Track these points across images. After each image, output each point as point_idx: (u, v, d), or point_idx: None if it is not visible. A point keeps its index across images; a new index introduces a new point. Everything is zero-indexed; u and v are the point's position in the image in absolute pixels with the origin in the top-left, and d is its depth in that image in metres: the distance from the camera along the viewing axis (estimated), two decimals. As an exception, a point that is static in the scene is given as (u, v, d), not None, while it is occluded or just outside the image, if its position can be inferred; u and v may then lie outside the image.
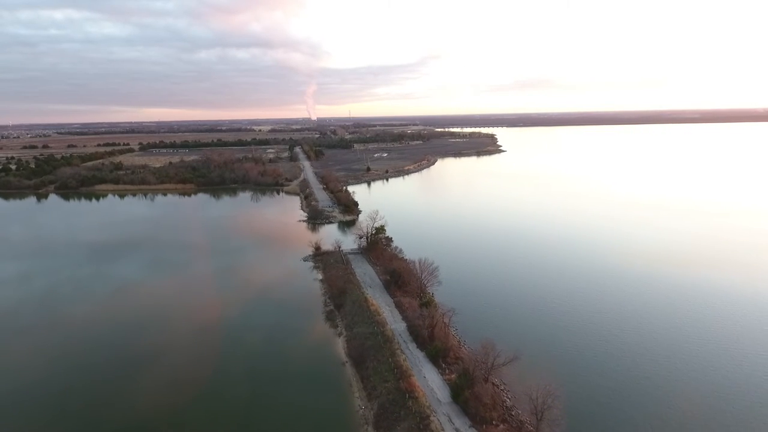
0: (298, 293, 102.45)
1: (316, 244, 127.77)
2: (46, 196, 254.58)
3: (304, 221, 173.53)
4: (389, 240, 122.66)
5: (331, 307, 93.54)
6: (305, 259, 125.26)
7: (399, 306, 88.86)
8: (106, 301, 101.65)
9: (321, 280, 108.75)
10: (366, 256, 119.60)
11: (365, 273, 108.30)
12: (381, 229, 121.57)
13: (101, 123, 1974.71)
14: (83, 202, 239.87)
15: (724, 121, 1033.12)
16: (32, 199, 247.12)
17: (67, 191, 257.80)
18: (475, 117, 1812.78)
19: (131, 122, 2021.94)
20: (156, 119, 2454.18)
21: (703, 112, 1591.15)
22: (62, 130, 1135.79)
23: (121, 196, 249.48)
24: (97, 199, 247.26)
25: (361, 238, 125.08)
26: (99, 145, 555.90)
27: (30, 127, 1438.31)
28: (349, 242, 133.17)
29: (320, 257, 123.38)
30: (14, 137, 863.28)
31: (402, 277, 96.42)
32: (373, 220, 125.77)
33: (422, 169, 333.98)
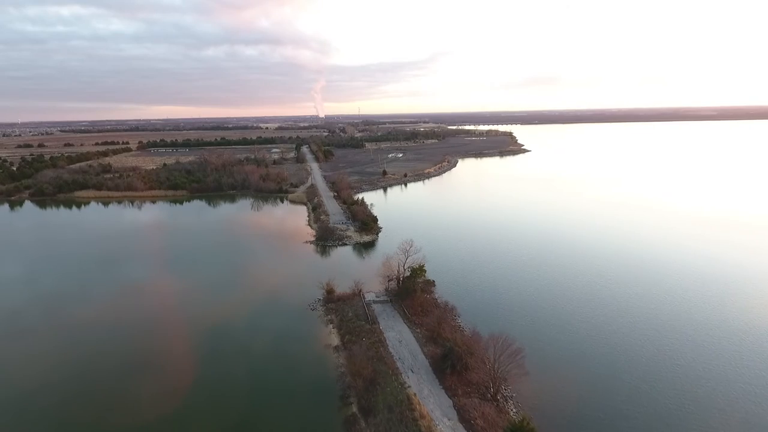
0: (303, 374, 68.24)
1: (327, 285, 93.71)
2: (21, 204, 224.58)
3: (311, 242, 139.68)
4: (430, 284, 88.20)
5: (354, 410, 59.48)
6: (312, 307, 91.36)
7: (465, 417, 54.68)
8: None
9: (336, 349, 74.68)
10: (398, 307, 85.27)
11: (401, 340, 74.15)
12: (420, 271, 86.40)
13: (109, 120, 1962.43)
14: (55, 211, 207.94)
15: (742, 118, 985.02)
16: (5, 207, 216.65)
17: (43, 198, 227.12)
18: (485, 114, 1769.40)
19: (139, 120, 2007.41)
20: (164, 117, 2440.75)
21: (719, 109, 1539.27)
22: (67, 128, 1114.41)
23: (105, 204, 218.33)
24: (78, 206, 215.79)
25: (390, 280, 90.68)
26: (97, 144, 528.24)
27: (38, 125, 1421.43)
28: (369, 278, 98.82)
29: (334, 305, 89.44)
30: (16, 135, 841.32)
31: (462, 358, 62.12)
32: (406, 253, 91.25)
33: (443, 171, 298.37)
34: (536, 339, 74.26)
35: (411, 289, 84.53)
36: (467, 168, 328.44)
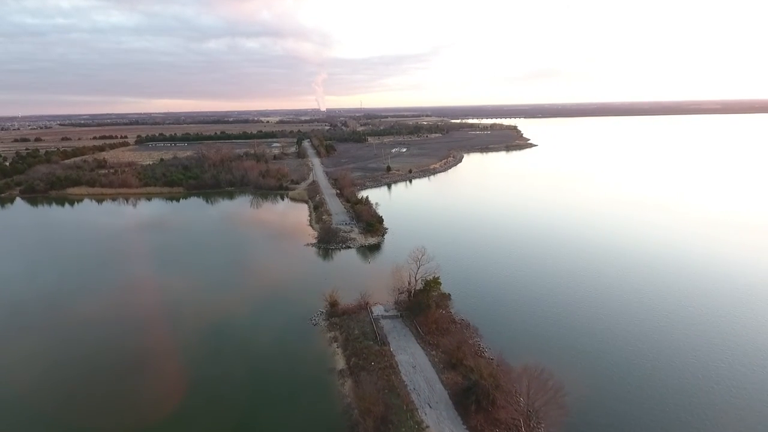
0: (303, 403, 59.64)
1: (330, 297, 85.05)
2: (11, 201, 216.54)
3: (312, 245, 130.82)
4: (445, 297, 79.38)
5: (363, 454, 51.01)
6: (314, 321, 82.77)
7: (495, 470, 46.14)
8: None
9: (341, 374, 66.00)
10: (410, 324, 76.45)
11: (415, 365, 65.36)
12: (434, 283, 77.39)
13: (110, 114, 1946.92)
14: (47, 208, 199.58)
15: (746, 112, 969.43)
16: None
17: (34, 195, 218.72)
18: (487, 108, 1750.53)
19: (140, 113, 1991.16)
20: (165, 110, 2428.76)
21: (722, 102, 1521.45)
22: (66, 122, 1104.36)
23: (99, 201, 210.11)
24: (71, 204, 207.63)
25: (400, 293, 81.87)
26: (95, 138, 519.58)
27: (39, 119, 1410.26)
28: (376, 286, 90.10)
29: (338, 319, 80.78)
30: (14, 129, 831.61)
31: (489, 393, 53.42)
32: (418, 262, 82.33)
33: (449, 167, 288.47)
34: (572, 363, 65.33)
35: (424, 304, 75.57)
36: (474, 163, 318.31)
